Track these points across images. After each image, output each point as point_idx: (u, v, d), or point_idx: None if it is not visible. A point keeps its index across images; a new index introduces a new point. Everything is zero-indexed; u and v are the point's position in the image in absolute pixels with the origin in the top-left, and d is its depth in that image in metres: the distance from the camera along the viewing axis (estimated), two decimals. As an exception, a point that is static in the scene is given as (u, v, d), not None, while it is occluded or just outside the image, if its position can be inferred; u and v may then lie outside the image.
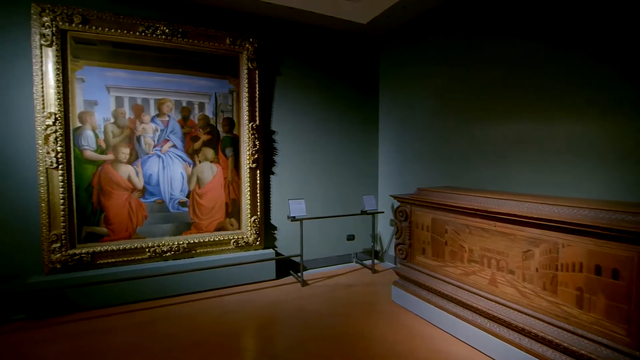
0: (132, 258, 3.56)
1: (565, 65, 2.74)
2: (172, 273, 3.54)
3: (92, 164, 3.43)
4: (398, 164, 4.61)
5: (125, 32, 3.47)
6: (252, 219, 4.05)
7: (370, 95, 4.87)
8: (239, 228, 4.06)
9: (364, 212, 4.39)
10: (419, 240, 3.25)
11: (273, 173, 4.28)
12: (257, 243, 4.10)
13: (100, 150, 3.45)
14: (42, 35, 3.19)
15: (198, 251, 3.84)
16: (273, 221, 4.30)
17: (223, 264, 3.76)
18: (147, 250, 3.61)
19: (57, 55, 3.24)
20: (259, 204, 4.10)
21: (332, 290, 3.84)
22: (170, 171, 3.73)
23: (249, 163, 4.02)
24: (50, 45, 3.22)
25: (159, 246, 3.65)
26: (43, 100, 3.21)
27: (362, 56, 4.79)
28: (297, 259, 4.21)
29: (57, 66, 3.24)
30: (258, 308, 3.40)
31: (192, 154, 3.82)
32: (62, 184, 3.28)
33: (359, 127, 4.80)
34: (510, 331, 2.44)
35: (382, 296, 3.67)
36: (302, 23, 4.34)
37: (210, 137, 3.89)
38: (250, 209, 4.04)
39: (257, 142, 4.04)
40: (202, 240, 3.84)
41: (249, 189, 4.03)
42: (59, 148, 3.25)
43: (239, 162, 4.04)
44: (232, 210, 4.03)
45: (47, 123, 3.21)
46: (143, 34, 3.54)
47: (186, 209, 3.81)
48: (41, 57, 3.21)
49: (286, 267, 4.33)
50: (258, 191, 4.08)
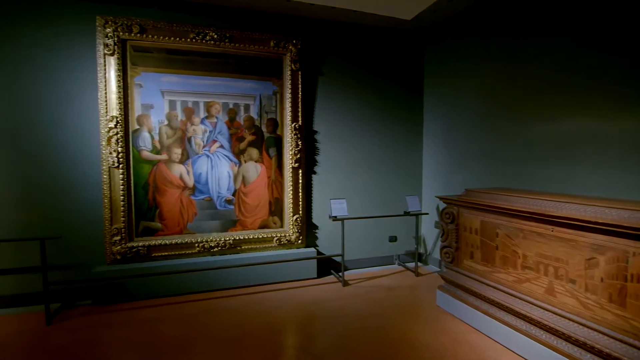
0: (183, 252, 3.77)
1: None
2: (219, 268, 3.70)
3: (148, 163, 3.68)
4: (444, 164, 4.44)
5: (177, 39, 3.68)
6: (294, 217, 4.12)
7: (414, 93, 4.74)
8: (282, 226, 4.15)
9: (407, 213, 4.28)
10: (467, 243, 3.11)
11: (315, 173, 4.32)
12: (299, 241, 4.16)
13: (155, 151, 3.70)
14: (106, 45, 3.48)
15: (243, 247, 3.98)
16: (314, 220, 4.34)
17: (266, 260, 3.87)
18: (196, 245, 3.80)
19: (118, 63, 3.51)
20: (300, 203, 4.15)
21: (373, 292, 3.79)
22: (218, 170, 3.90)
23: (292, 163, 4.08)
24: (112, 54, 3.50)
25: (207, 242, 3.83)
26: (106, 104, 3.50)
27: (405, 53, 4.67)
28: (338, 259, 4.21)
29: (119, 73, 3.52)
30: (300, 305, 3.45)
31: (238, 154, 3.97)
32: (122, 181, 3.55)
33: (402, 126, 4.69)
34: (570, 345, 2.25)
35: (426, 300, 3.56)
36: (345, 22, 4.32)
37: (255, 138, 4.01)
38: (292, 207, 4.11)
39: (299, 142, 4.10)
40: (246, 237, 3.97)
41: (291, 188, 4.10)
42: (119, 149, 3.53)
43: (282, 162, 4.12)
44: (275, 208, 4.12)
45: (109, 126, 3.50)
46: (194, 40, 3.73)
47: (232, 206, 3.96)
48: (104, 66, 3.50)
49: (327, 266, 4.35)
50: (300, 190, 4.14)
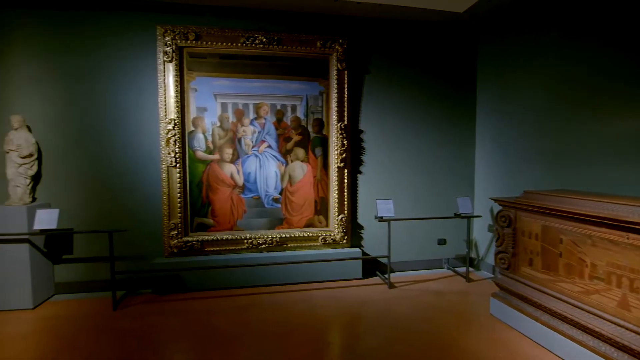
0: (233, 248, 3.94)
1: None
2: (267, 264, 3.81)
3: (202, 163, 3.89)
4: (499, 164, 4.17)
5: (229, 44, 3.85)
6: (339, 217, 4.12)
7: (465, 91, 4.51)
8: (327, 226, 4.17)
9: (457, 216, 4.09)
10: (526, 249, 2.89)
11: (360, 172, 4.28)
12: (344, 241, 4.15)
13: (208, 151, 3.90)
14: (165, 53, 3.73)
15: (289, 245, 4.06)
16: (360, 220, 4.31)
17: (312, 259, 3.91)
18: (245, 241, 3.95)
19: (176, 69, 3.75)
20: (346, 202, 4.14)
21: (420, 295, 3.68)
22: (266, 170, 4.02)
23: (337, 162, 4.08)
24: (171, 61, 3.74)
25: (255, 238, 3.96)
26: (165, 108, 3.76)
27: (456, 48, 4.46)
28: (384, 260, 4.13)
29: (176, 79, 3.75)
30: (345, 305, 3.44)
31: (285, 154, 4.05)
32: (179, 180, 3.79)
33: (452, 124, 4.49)
34: (650, 367, 2.00)
35: (479, 307, 3.37)
36: (391, 19, 4.23)
37: (301, 138, 4.07)
38: (337, 207, 4.11)
39: (345, 142, 4.08)
40: (292, 235, 4.04)
41: (336, 188, 4.11)
42: (177, 149, 3.77)
43: (328, 162, 4.14)
44: (321, 208, 4.15)
45: (168, 128, 3.75)
46: (244, 44, 3.87)
47: (279, 205, 4.06)
48: (164, 72, 3.75)
49: (372, 267, 4.29)
50: (345, 190, 4.13)
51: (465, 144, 4.55)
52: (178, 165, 3.79)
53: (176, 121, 3.76)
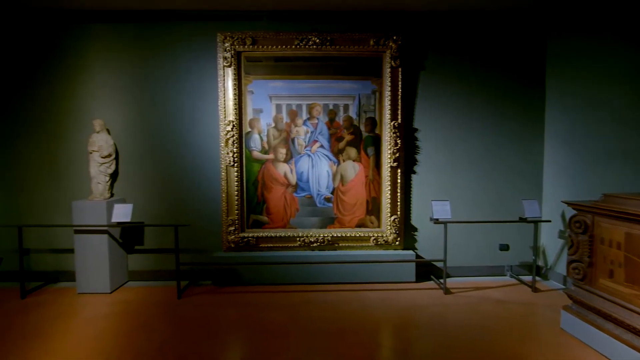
0: (286, 245, 4.04)
1: None
2: (318, 262, 3.85)
3: (257, 162, 4.05)
4: (571, 165, 3.78)
5: (283, 46, 3.95)
6: (392, 218, 4.02)
7: (531, 86, 4.15)
8: (379, 226, 4.10)
9: (522, 220, 3.78)
10: (605, 259, 2.58)
11: (414, 172, 4.14)
12: (397, 243, 4.05)
13: (263, 151, 4.04)
14: (224, 58, 3.94)
15: (340, 245, 4.06)
16: (414, 222, 4.17)
17: (363, 259, 3.87)
18: (297, 239, 4.03)
19: (234, 74, 3.94)
20: (399, 203, 4.04)
21: (479, 304, 3.46)
22: (318, 169, 4.06)
23: (390, 162, 4.00)
24: (229, 66, 3.94)
25: (307, 237, 4.02)
26: (224, 111, 3.96)
27: (521, 39, 4.12)
28: (440, 264, 3.95)
29: (235, 82, 3.95)
30: (398, 308, 3.35)
31: (337, 153, 4.06)
32: (236, 178, 3.98)
33: (515, 122, 4.16)
34: None
35: (547, 320, 3.08)
36: (448, 11, 4.01)
37: (353, 137, 4.05)
38: (390, 208, 4.02)
39: (398, 141, 3.98)
40: (344, 235, 4.04)
41: (389, 188, 4.02)
42: (234, 149, 3.96)
43: (380, 161, 4.07)
44: (373, 208, 4.09)
45: (227, 129, 3.95)
46: (297, 46, 3.95)
47: (331, 204, 4.08)
48: (223, 77, 3.96)
49: (427, 271, 4.14)
50: (398, 190, 4.03)
51: (533, 143, 4.19)
52: (236, 164, 3.98)
53: (234, 123, 3.95)
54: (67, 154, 4.05)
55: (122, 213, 3.66)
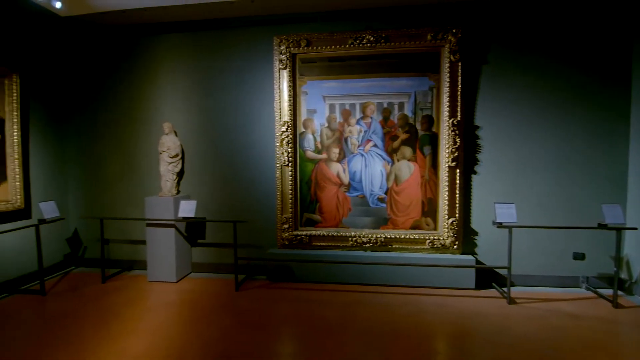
0: (338, 244, 4.05)
1: None
2: (370, 263, 3.80)
3: (311, 162, 4.11)
4: (665, 163, 3.30)
5: (337, 46, 3.96)
6: (450, 220, 3.83)
7: (615, 85, 3.70)
8: (435, 228, 3.93)
9: (602, 226, 3.38)
10: None
11: (475, 172, 3.91)
12: (455, 247, 3.85)
13: (317, 151, 4.09)
14: (280, 61, 4.05)
15: (393, 246, 3.97)
16: (474, 225, 3.93)
17: (418, 262, 3.74)
18: (349, 239, 4.01)
19: (289, 75, 4.04)
20: (457, 205, 3.83)
21: (549, 316, 3.16)
22: (371, 169, 4.01)
23: (448, 161, 3.81)
24: (285, 68, 4.05)
25: (359, 237, 3.99)
26: (280, 112, 4.08)
27: (600, 28, 3.68)
28: (503, 272, 3.69)
29: (290, 84, 4.05)
30: (455, 315, 3.19)
31: (391, 153, 3.98)
32: (290, 177, 4.08)
33: (593, 121, 3.73)
34: None
35: (632, 341, 2.73)
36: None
37: (408, 136, 3.94)
38: (447, 209, 3.84)
39: (457, 139, 3.78)
40: (397, 236, 3.94)
41: (447, 189, 3.84)
42: (289, 149, 4.06)
43: (437, 161, 3.90)
44: (428, 209, 3.94)
45: (282, 130, 4.06)
46: (351, 45, 3.93)
47: (384, 204, 4.00)
48: (279, 79, 4.08)
49: (488, 277, 3.88)
50: (457, 191, 3.83)
51: (614, 142, 3.73)
52: (290, 164, 4.07)
53: (289, 123, 4.05)
54: (141, 154, 4.46)
55: (187, 209, 3.94)
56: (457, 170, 3.82)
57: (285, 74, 4.06)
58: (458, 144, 3.79)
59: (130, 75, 4.43)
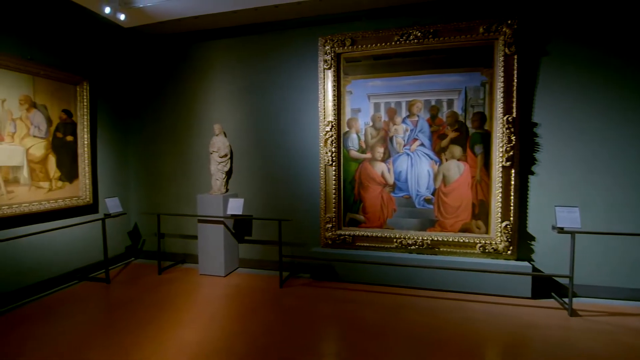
0: (382, 245, 3.98)
1: None
2: (417, 266, 3.68)
3: (354, 161, 4.08)
4: None
5: (383, 44, 3.89)
6: (503, 224, 3.61)
7: None
8: (487, 232, 3.72)
9: (685, 234, 2.99)
10: None
11: (532, 173, 3.64)
12: (508, 252, 3.62)
13: (361, 150, 4.05)
14: (325, 61, 4.07)
15: (441, 249, 3.81)
16: (530, 230, 3.66)
17: (468, 267, 3.56)
18: (394, 240, 3.93)
19: (334, 75, 4.04)
20: (512, 207, 3.59)
21: (618, 332, 2.86)
22: (418, 169, 3.89)
23: (502, 161, 3.59)
24: (329, 68, 4.05)
25: (404, 238, 3.89)
26: (324, 112, 4.10)
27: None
28: (564, 281, 3.41)
29: (334, 84, 4.04)
30: (509, 325, 2.99)
31: (439, 152, 3.83)
32: (334, 177, 4.08)
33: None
34: None
35: None
36: (583, -16, 3.42)
37: (458, 134, 3.76)
38: (501, 212, 3.61)
39: (512, 138, 3.55)
40: (445, 239, 3.78)
41: (500, 190, 3.61)
42: (333, 149, 4.06)
43: (490, 160, 3.68)
44: (480, 211, 3.74)
45: (326, 129, 4.08)
46: (397, 42, 3.84)
47: (431, 206, 3.87)
48: (323, 79, 4.09)
49: (546, 286, 3.60)
50: (512, 193, 3.59)
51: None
52: (334, 163, 4.07)
53: (333, 123, 4.05)
54: (194, 154, 4.72)
55: (235, 206, 4.10)
56: (512, 171, 3.58)
57: (329, 74, 4.06)
58: (513, 142, 3.55)
59: (184, 80, 4.70)
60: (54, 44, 3.90)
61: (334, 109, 4.06)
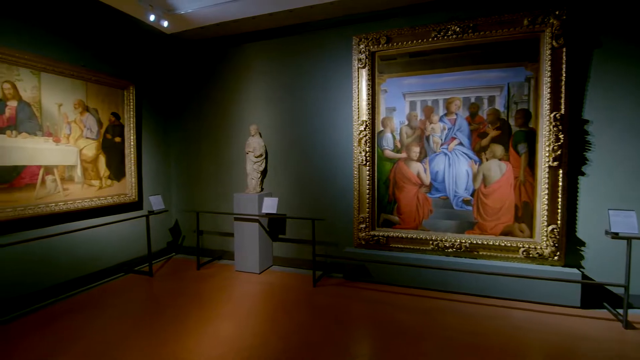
0: (417, 247, 3.88)
1: None
2: (455, 270, 3.55)
3: (389, 161, 4.01)
4: None
5: (419, 41, 3.79)
6: (550, 227, 3.39)
7: None
8: (531, 236, 3.52)
9: None
10: None
11: (583, 174, 3.39)
12: (555, 258, 3.40)
13: (396, 150, 3.98)
14: (359, 60, 4.03)
15: (480, 253, 3.66)
16: (580, 234, 3.42)
17: (510, 272, 3.38)
18: (430, 242, 3.82)
19: (368, 74, 4.00)
20: (559, 210, 3.37)
21: (685, 350, 2.60)
22: (456, 169, 3.76)
23: (549, 161, 3.37)
24: (364, 67, 4.01)
25: (441, 241, 3.77)
26: (358, 111, 4.06)
27: None
28: (618, 290, 3.14)
29: (368, 83, 4.00)
30: (556, 336, 2.81)
31: (479, 151, 3.67)
32: (368, 177, 4.04)
33: None
34: None
35: None
36: (644, -32, 3.14)
37: (499, 133, 3.59)
38: (547, 215, 3.40)
39: (560, 136, 3.33)
40: (485, 242, 3.62)
41: (546, 192, 3.40)
42: (367, 148, 4.02)
43: (535, 160, 3.48)
44: (523, 214, 3.54)
45: (360, 129, 4.04)
46: (435, 38, 3.73)
47: (470, 207, 3.72)
48: (358, 78, 4.06)
49: (597, 296, 3.35)
50: (559, 195, 3.36)
51: None
52: (368, 163, 4.03)
53: (367, 122, 4.01)
54: (231, 154, 4.86)
55: (270, 205, 4.17)
56: (560, 171, 3.36)
57: (364, 73, 4.03)
58: (561, 141, 3.33)
59: (221, 82, 4.86)
60: (103, 51, 4.17)
61: (368, 108, 4.01)
